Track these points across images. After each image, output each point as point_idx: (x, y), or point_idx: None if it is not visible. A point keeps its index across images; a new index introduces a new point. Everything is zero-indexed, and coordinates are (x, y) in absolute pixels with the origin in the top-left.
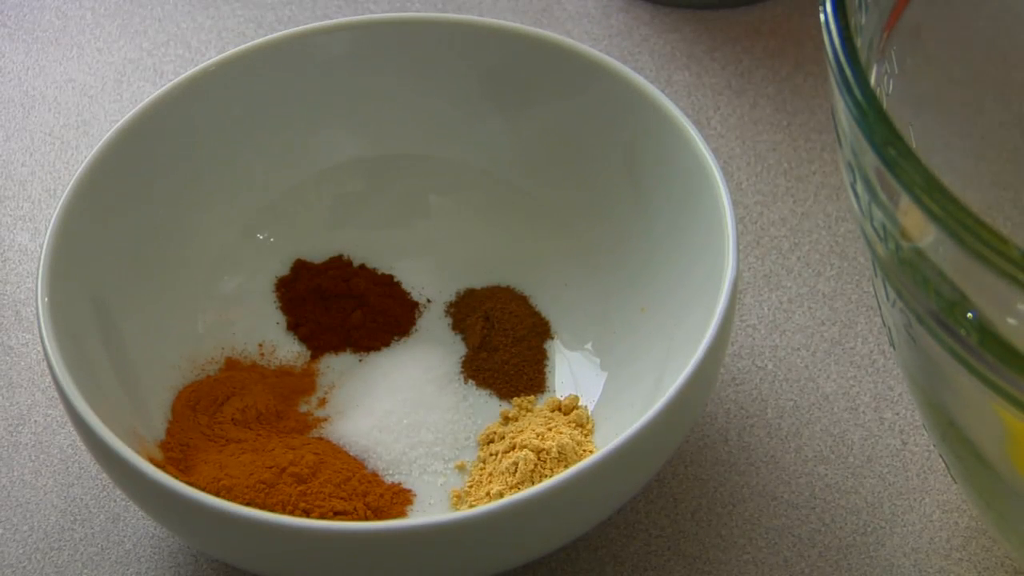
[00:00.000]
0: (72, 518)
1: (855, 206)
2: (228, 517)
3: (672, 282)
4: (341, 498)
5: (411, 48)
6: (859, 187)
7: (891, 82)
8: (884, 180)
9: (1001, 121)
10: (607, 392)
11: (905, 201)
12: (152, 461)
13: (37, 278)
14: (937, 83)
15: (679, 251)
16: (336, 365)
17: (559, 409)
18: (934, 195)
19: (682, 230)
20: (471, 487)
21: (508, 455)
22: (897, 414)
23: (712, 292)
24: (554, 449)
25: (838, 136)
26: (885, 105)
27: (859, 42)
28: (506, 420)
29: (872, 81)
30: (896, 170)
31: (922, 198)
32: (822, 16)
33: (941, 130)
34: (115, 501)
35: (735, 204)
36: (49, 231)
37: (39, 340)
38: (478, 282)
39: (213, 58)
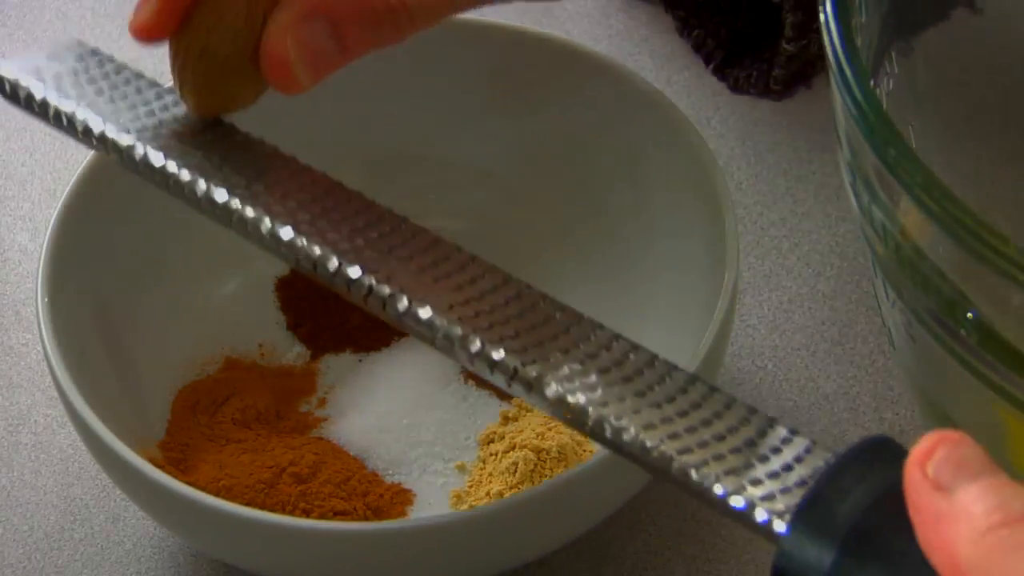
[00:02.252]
0: (72, 518)
1: (855, 206)
2: (228, 517)
3: (672, 283)
4: (341, 498)
5: (411, 48)
6: (859, 187)
7: (891, 82)
8: (884, 180)
9: (1001, 121)
10: None
11: (905, 201)
12: (152, 461)
13: (37, 278)
14: (937, 83)
15: (679, 252)
16: (336, 365)
17: None
18: (934, 195)
19: (682, 230)
20: (471, 487)
21: (508, 455)
22: (897, 414)
23: (712, 292)
24: (554, 449)
25: (838, 136)
26: (885, 105)
27: (859, 42)
28: (506, 420)
29: (872, 81)
30: (896, 170)
31: (922, 198)
32: (822, 16)
33: (941, 130)
34: (115, 501)
35: (735, 204)
36: (49, 231)
37: (39, 340)
38: None
39: None
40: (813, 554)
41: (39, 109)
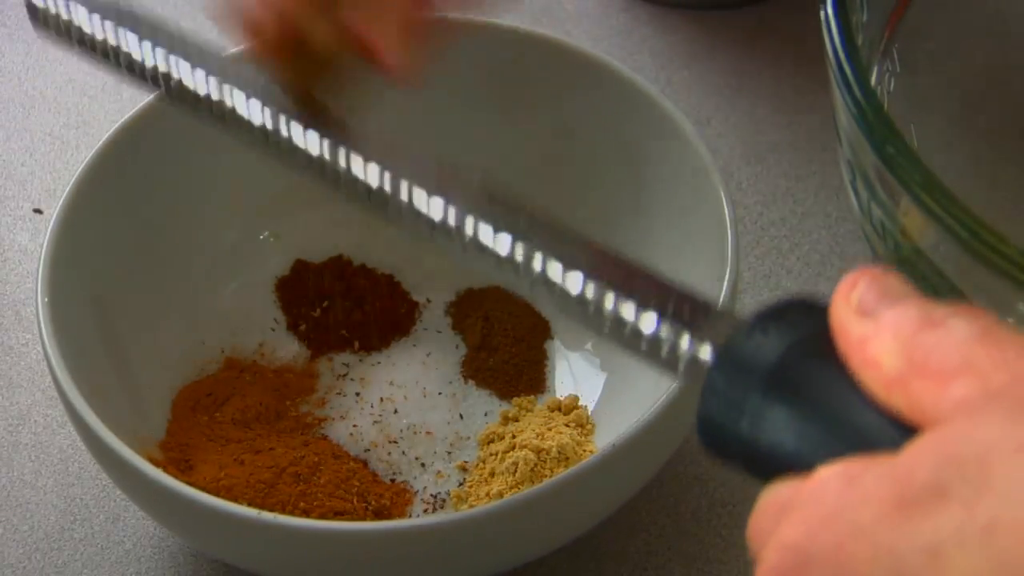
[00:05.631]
0: (72, 518)
1: (855, 204)
2: (228, 517)
3: None
4: (341, 498)
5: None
6: (859, 185)
7: (892, 80)
8: (884, 179)
9: (1001, 121)
10: (607, 392)
11: (905, 201)
12: (152, 461)
13: (37, 278)
14: (939, 82)
15: (679, 251)
16: (336, 365)
17: (559, 409)
18: (933, 193)
19: (682, 230)
20: (471, 487)
21: (508, 455)
22: None
23: (712, 292)
24: (554, 449)
25: (838, 134)
26: (886, 103)
27: (860, 39)
28: (506, 420)
29: (873, 79)
30: (894, 168)
31: (921, 196)
32: (823, 14)
33: (942, 129)
34: (115, 501)
35: (735, 204)
36: (49, 231)
37: (39, 340)
38: (478, 282)
39: None
40: (739, 387)
41: (80, 37)
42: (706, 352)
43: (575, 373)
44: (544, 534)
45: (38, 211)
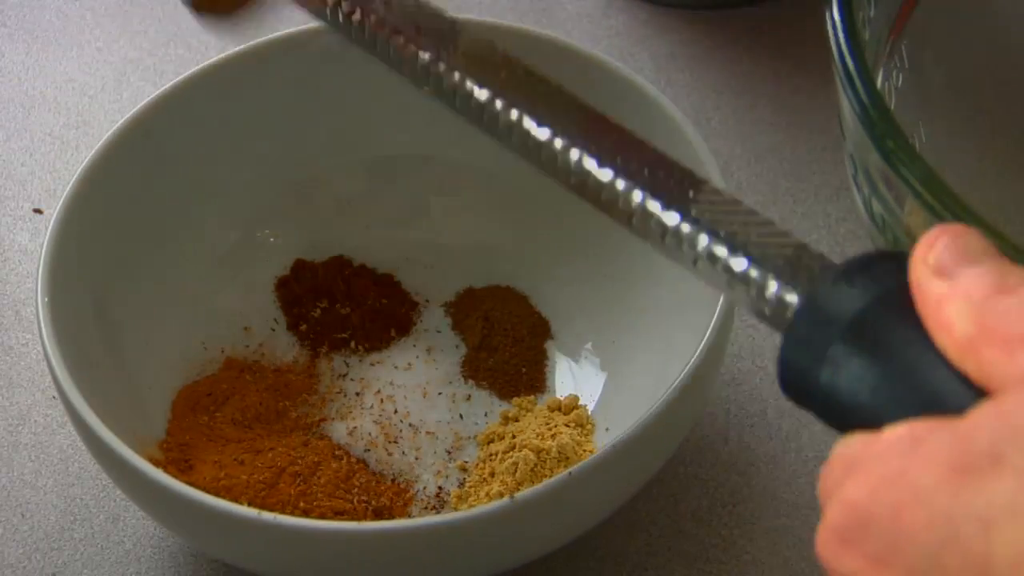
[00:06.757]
0: (72, 518)
1: (857, 198)
2: (228, 517)
3: (672, 282)
4: (341, 498)
5: None
6: (860, 179)
7: (900, 76)
8: (888, 179)
9: (1011, 119)
10: (607, 392)
11: (910, 202)
12: (152, 461)
13: (37, 278)
14: (948, 79)
15: None
16: (336, 365)
17: (559, 409)
18: (931, 188)
19: None
20: (471, 487)
21: (508, 455)
22: None
23: (712, 292)
24: (554, 449)
25: (842, 130)
26: (894, 99)
27: (867, 35)
28: (506, 420)
29: (881, 75)
30: (894, 163)
31: (920, 192)
32: (828, 9)
33: (951, 126)
34: (115, 501)
35: None
36: (49, 231)
37: (39, 340)
38: (478, 282)
39: (213, 58)
40: (822, 335)
41: None
42: (792, 297)
43: (575, 373)
44: (544, 534)
45: (38, 211)
